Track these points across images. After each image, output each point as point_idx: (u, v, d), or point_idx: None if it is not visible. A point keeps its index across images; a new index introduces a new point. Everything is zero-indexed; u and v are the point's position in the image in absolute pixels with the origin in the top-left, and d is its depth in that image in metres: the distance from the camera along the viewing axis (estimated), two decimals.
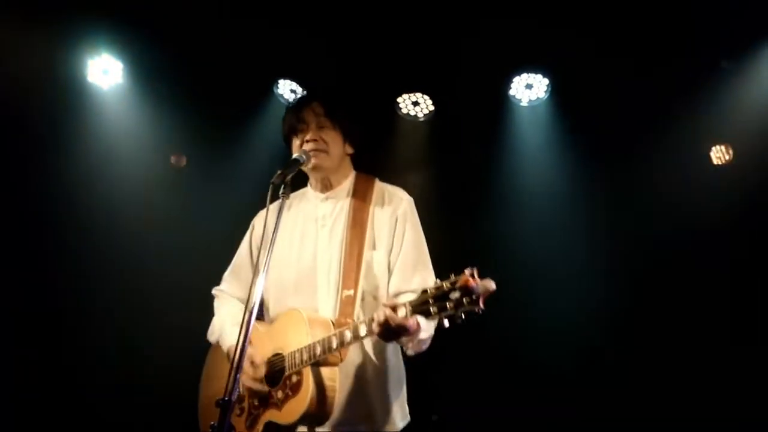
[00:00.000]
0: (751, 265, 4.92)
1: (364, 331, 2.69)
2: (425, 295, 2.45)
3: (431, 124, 5.44)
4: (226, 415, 2.41)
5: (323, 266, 3.08)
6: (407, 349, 2.87)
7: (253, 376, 2.95)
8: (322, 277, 3.07)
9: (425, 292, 2.46)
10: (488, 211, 5.36)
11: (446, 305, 2.36)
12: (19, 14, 4.45)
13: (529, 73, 5.21)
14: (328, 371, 2.83)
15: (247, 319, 2.55)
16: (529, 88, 5.26)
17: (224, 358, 3.12)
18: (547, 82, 5.22)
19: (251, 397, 3.02)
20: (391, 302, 2.62)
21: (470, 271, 2.32)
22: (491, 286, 2.30)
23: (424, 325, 2.69)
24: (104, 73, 5.04)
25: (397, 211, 3.12)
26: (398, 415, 3.01)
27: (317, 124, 3.18)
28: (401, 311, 2.56)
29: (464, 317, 2.34)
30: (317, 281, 3.07)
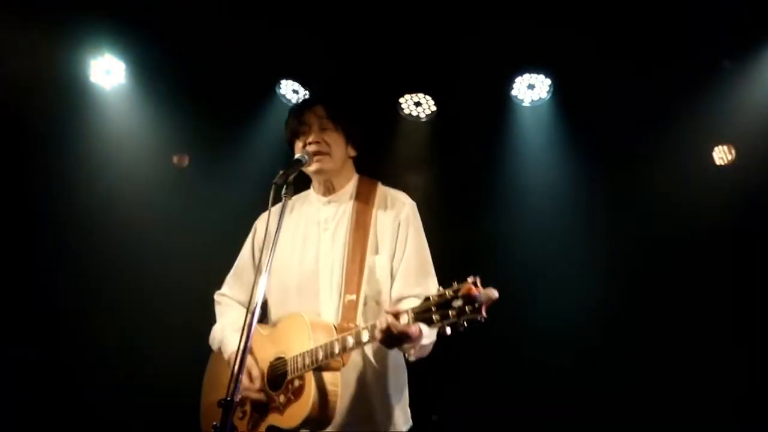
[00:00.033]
0: (751, 265, 4.91)
1: (366, 336, 2.69)
2: (428, 302, 2.45)
3: (433, 124, 5.43)
4: (228, 415, 2.42)
5: (326, 270, 3.07)
6: (409, 355, 2.86)
7: (248, 388, 2.94)
8: (324, 280, 3.06)
9: (428, 299, 2.45)
10: (490, 211, 5.36)
11: (448, 313, 2.35)
12: (21, 14, 4.44)
13: (531, 73, 5.19)
14: (330, 376, 2.83)
15: (249, 320, 2.55)
16: (531, 88, 5.25)
17: (226, 364, 3.11)
18: (549, 82, 5.21)
19: (253, 401, 3.02)
20: (393, 309, 2.61)
21: (473, 279, 2.31)
22: (494, 294, 2.30)
23: (426, 331, 2.68)
24: (107, 73, 5.04)
25: (399, 215, 3.11)
26: (400, 419, 3.02)
27: (319, 126, 3.17)
28: (403, 318, 2.56)
29: (466, 325, 2.34)
30: (319, 285, 3.07)
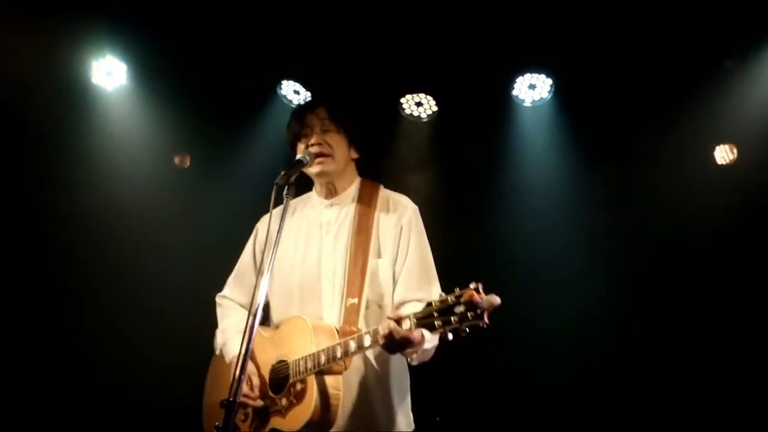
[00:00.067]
0: (752, 265, 4.91)
1: (368, 341, 2.70)
2: (430, 308, 2.45)
3: (434, 124, 5.43)
4: (230, 415, 2.42)
5: (327, 273, 3.07)
6: (411, 360, 2.86)
7: (248, 395, 2.95)
8: (326, 284, 3.06)
9: (430, 305, 2.45)
10: (491, 211, 5.36)
11: (451, 319, 2.35)
12: (22, 15, 4.44)
13: (532, 73, 5.19)
14: (332, 379, 2.84)
15: (251, 322, 2.55)
16: (532, 88, 5.25)
17: (228, 364, 3.12)
18: (550, 82, 5.21)
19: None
20: (395, 315, 2.61)
21: (475, 285, 2.32)
22: (496, 301, 2.30)
23: (428, 336, 2.68)
24: (108, 74, 5.04)
25: (402, 219, 3.11)
26: (402, 423, 3.02)
27: (322, 128, 3.17)
28: (405, 323, 2.56)
29: (468, 331, 2.34)
30: (321, 288, 3.07)
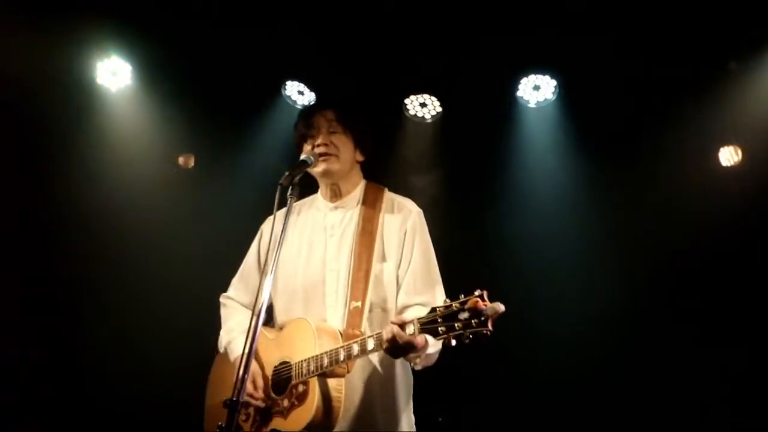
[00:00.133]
0: (757, 266, 4.91)
1: (371, 345, 2.70)
2: (434, 314, 2.45)
3: (438, 125, 5.42)
4: (233, 415, 2.42)
5: (331, 276, 3.08)
6: (415, 364, 2.87)
7: (251, 395, 2.95)
8: (330, 286, 3.06)
9: (434, 310, 2.46)
10: (495, 212, 5.35)
11: (454, 325, 2.36)
12: (28, 16, 4.45)
13: (536, 74, 5.19)
14: (334, 382, 2.84)
15: (254, 322, 2.55)
16: (536, 89, 5.24)
17: (231, 365, 3.12)
18: (554, 83, 5.20)
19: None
20: (399, 319, 2.62)
21: (480, 292, 2.32)
22: (500, 308, 2.31)
23: (431, 341, 2.68)
24: (113, 75, 5.06)
25: (406, 223, 3.11)
26: (405, 426, 3.02)
27: (328, 129, 3.18)
28: (409, 328, 2.56)
29: (472, 338, 2.35)
30: (325, 291, 3.07)
